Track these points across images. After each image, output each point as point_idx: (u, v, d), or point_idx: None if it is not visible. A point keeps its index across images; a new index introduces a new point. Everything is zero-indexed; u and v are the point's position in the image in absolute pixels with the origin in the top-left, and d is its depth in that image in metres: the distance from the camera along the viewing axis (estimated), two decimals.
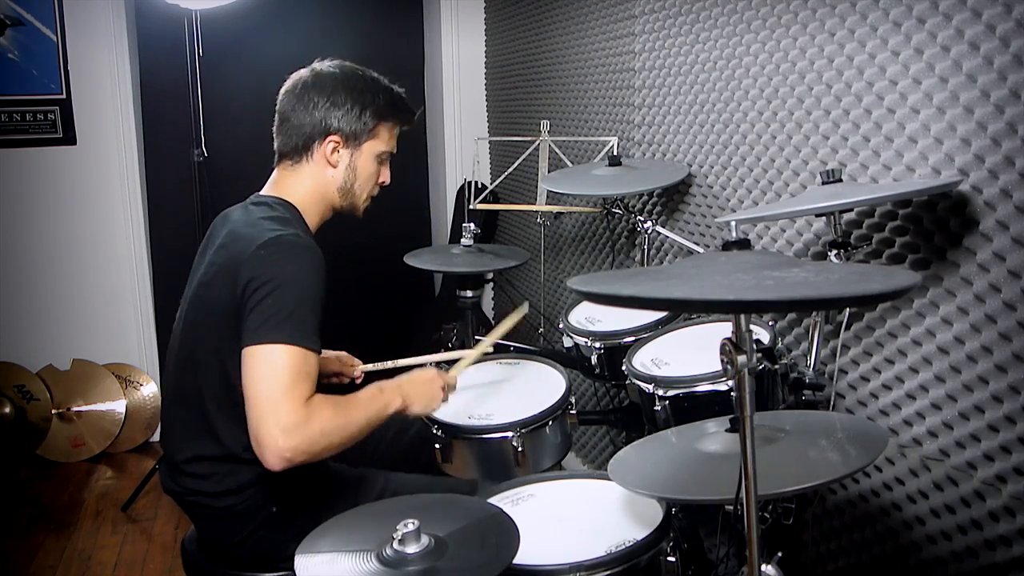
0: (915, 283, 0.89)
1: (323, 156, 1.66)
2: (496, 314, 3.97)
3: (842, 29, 1.63)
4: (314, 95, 1.64)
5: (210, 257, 1.60)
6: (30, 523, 3.07)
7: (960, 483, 1.45)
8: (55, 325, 3.65)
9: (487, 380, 2.07)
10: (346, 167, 1.68)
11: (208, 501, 1.58)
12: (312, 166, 1.67)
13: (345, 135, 1.66)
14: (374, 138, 1.69)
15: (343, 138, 1.66)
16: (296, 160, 1.67)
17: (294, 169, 1.68)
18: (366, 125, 1.67)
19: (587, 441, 3.07)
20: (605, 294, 0.99)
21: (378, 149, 1.70)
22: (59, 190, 3.58)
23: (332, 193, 1.69)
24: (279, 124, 1.69)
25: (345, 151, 1.67)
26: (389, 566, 1.17)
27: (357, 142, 1.68)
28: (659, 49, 2.32)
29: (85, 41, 3.50)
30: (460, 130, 3.88)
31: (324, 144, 1.65)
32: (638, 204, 2.50)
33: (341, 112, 1.65)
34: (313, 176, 1.67)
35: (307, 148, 1.66)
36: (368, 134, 1.68)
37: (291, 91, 1.67)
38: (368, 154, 1.69)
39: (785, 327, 1.88)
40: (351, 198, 1.71)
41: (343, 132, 1.66)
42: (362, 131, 1.67)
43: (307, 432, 1.39)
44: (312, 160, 1.67)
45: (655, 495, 1.37)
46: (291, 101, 1.66)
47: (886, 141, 1.55)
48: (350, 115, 1.65)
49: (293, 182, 1.68)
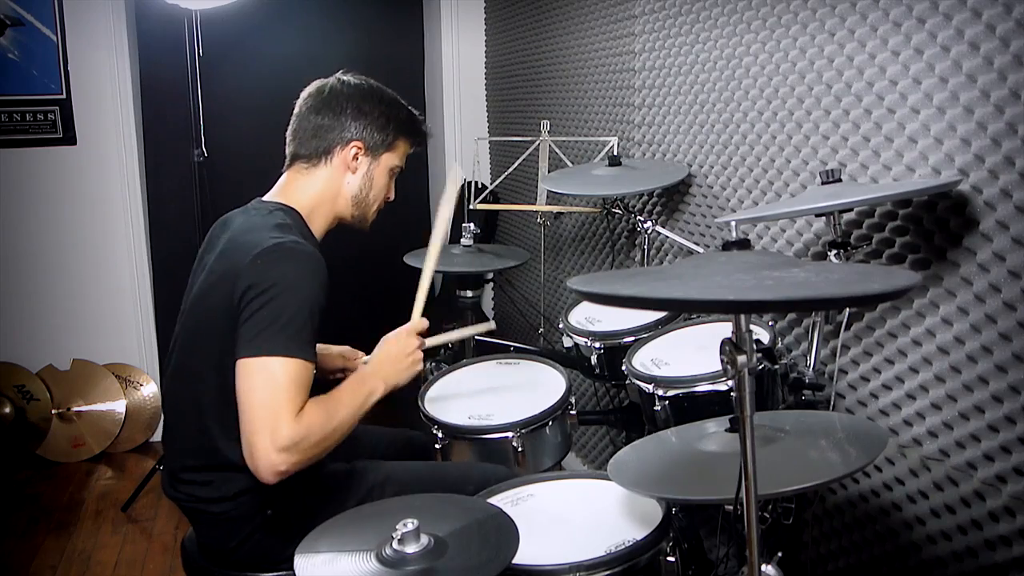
0: (915, 283, 0.89)
1: (343, 161, 1.67)
2: (496, 314, 3.98)
3: (842, 29, 1.63)
4: (343, 100, 1.67)
5: (210, 264, 1.59)
6: (30, 523, 3.07)
7: (960, 483, 1.45)
8: (55, 325, 3.65)
9: (487, 380, 2.07)
10: (363, 175, 1.70)
11: (205, 507, 1.58)
12: (329, 170, 1.67)
13: (367, 144, 1.68)
14: (392, 151, 1.72)
15: (365, 147, 1.68)
16: (313, 163, 1.67)
17: (308, 172, 1.67)
18: (388, 137, 1.70)
19: (587, 441, 3.07)
20: (605, 294, 0.99)
21: (393, 163, 1.74)
22: (59, 190, 3.58)
23: (344, 200, 1.70)
24: (297, 126, 1.69)
25: (365, 159, 1.69)
26: (389, 566, 1.17)
27: (377, 153, 1.70)
28: (659, 49, 2.32)
29: (85, 41, 3.50)
30: (460, 130, 3.88)
31: (347, 149, 1.67)
32: (638, 204, 2.50)
33: (368, 120, 1.67)
34: (327, 181, 1.67)
35: (327, 152, 1.67)
36: (388, 146, 1.71)
37: (316, 95, 1.69)
38: (384, 166, 1.72)
39: (785, 327, 1.88)
40: (363, 208, 1.72)
41: (366, 141, 1.68)
42: (383, 142, 1.70)
43: (302, 446, 1.41)
44: (331, 164, 1.67)
45: (655, 495, 1.37)
46: (316, 104, 1.67)
47: (886, 141, 1.55)
48: (375, 125, 1.68)
49: (303, 185, 1.67)
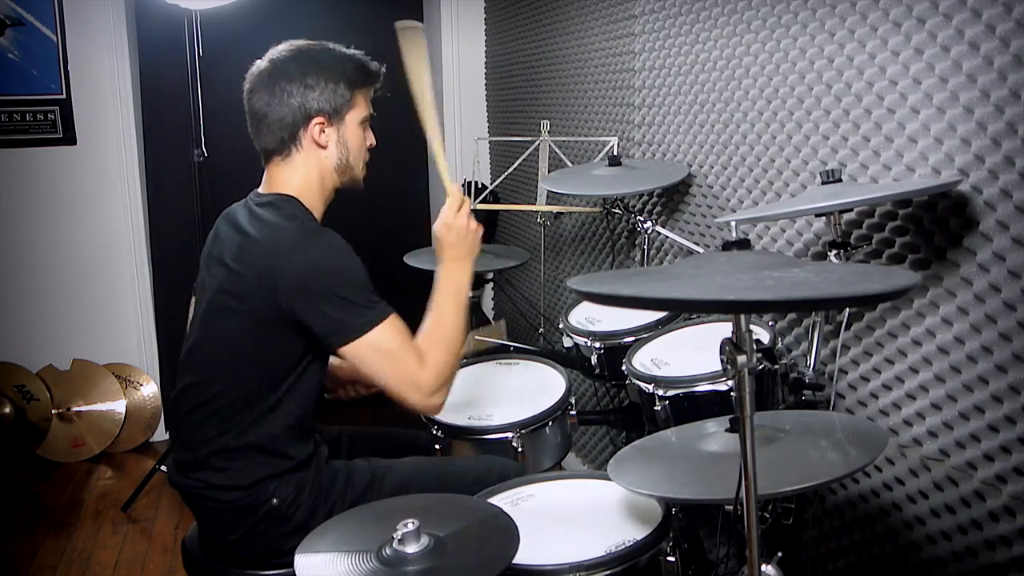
0: (915, 283, 0.89)
1: (312, 140, 1.64)
2: (496, 315, 3.98)
3: (842, 29, 1.63)
4: (284, 84, 1.61)
5: (230, 264, 1.59)
6: (30, 523, 3.07)
7: (960, 483, 1.45)
8: (55, 325, 3.65)
9: (487, 380, 2.08)
10: (336, 144, 1.66)
11: (215, 494, 1.59)
12: (303, 154, 1.65)
13: (327, 113, 1.63)
14: (353, 107, 1.67)
15: (326, 117, 1.64)
16: (285, 154, 1.65)
17: (286, 163, 1.66)
18: (344, 97, 1.64)
19: (587, 441, 3.07)
20: (605, 294, 0.99)
21: (360, 116, 1.68)
22: (59, 190, 3.58)
23: (330, 173, 1.68)
24: (255, 124, 1.66)
25: (331, 129, 1.65)
26: (389, 566, 1.17)
27: (340, 116, 1.65)
28: (659, 49, 2.32)
29: (85, 41, 3.50)
30: (460, 130, 3.88)
31: (310, 128, 1.63)
32: (638, 204, 2.50)
33: (317, 92, 1.62)
34: (307, 163, 1.65)
35: (293, 138, 1.64)
36: (347, 105, 1.66)
37: (257, 88, 1.64)
38: (353, 124, 1.67)
39: (785, 327, 1.88)
40: (350, 172, 1.70)
41: (324, 111, 1.63)
42: (342, 104, 1.65)
43: (443, 376, 1.58)
44: (302, 148, 1.65)
45: (655, 495, 1.37)
46: (261, 97, 1.63)
47: (886, 141, 1.55)
48: (326, 92, 1.62)
49: (288, 176, 1.66)
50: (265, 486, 1.58)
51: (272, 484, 1.59)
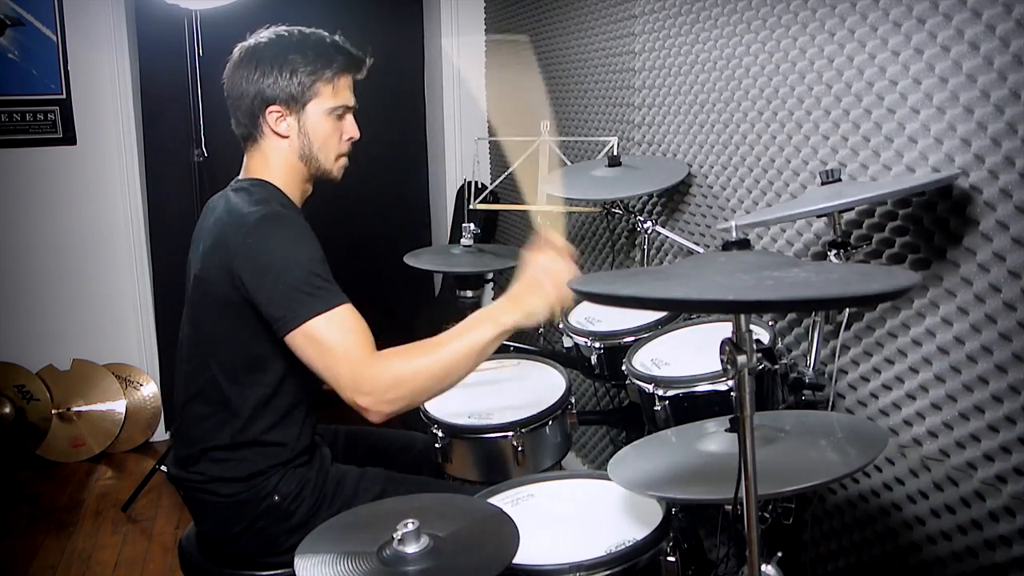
0: (915, 283, 0.89)
1: (271, 129, 1.61)
2: None
3: (842, 29, 1.63)
4: (243, 70, 1.60)
5: (203, 250, 1.60)
6: (30, 523, 3.07)
7: (960, 483, 1.45)
8: (55, 325, 3.65)
9: (487, 380, 2.07)
10: (298, 134, 1.62)
11: (215, 487, 1.59)
12: (267, 141, 1.63)
13: (283, 101, 1.59)
14: (316, 96, 1.60)
15: (283, 105, 1.59)
16: (253, 141, 1.64)
17: (257, 148, 1.64)
18: (302, 86, 1.59)
19: (587, 441, 3.07)
20: (605, 294, 0.99)
21: (326, 106, 1.61)
22: (59, 190, 3.58)
23: (296, 162, 1.64)
24: (230, 109, 1.65)
25: (291, 118, 1.60)
26: (389, 566, 1.17)
27: (299, 105, 1.60)
28: (659, 49, 2.32)
29: (85, 41, 3.50)
30: (460, 130, 3.88)
31: (266, 116, 1.60)
32: (638, 204, 2.50)
33: (271, 80, 1.58)
34: (273, 150, 1.63)
35: (255, 125, 1.62)
36: (307, 94, 1.60)
37: (228, 72, 1.64)
38: (316, 115, 1.61)
39: (785, 327, 1.88)
40: (316, 163, 1.65)
41: (280, 99, 1.59)
42: (299, 94, 1.59)
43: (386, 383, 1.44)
44: (264, 135, 1.62)
45: (655, 495, 1.37)
46: (230, 82, 1.63)
47: (886, 141, 1.55)
48: (281, 80, 1.58)
49: (260, 162, 1.65)
50: (265, 479, 1.58)
51: (272, 477, 1.58)
